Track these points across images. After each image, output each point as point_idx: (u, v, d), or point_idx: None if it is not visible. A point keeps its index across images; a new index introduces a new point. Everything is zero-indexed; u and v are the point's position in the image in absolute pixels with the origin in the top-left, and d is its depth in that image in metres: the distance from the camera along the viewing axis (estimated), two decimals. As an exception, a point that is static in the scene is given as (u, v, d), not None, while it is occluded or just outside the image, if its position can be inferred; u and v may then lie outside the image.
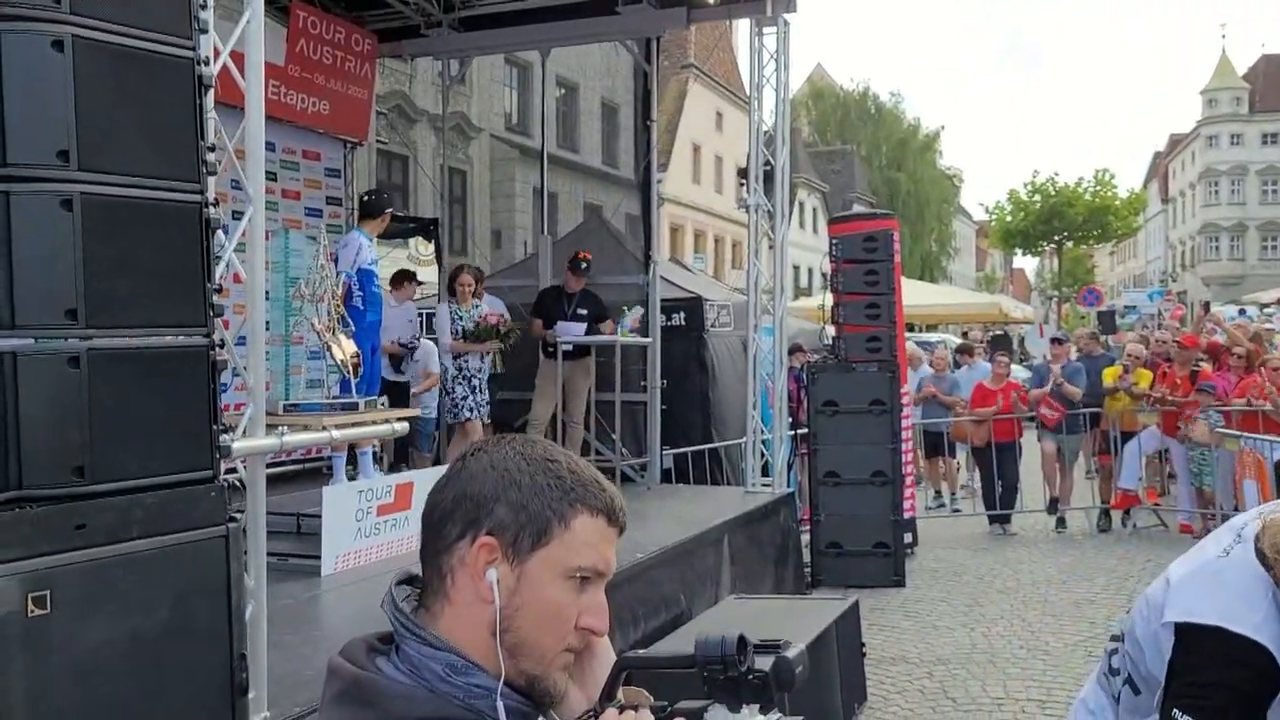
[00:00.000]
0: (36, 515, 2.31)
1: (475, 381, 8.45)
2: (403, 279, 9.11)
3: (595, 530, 1.20)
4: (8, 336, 2.30)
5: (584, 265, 8.87)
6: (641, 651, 1.25)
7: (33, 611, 2.27)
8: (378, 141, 15.52)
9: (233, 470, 2.95)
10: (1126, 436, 10.53)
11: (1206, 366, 10.54)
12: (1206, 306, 16.04)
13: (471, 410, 8.37)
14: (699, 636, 1.11)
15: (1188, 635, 2.01)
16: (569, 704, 1.21)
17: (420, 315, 9.55)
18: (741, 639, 1.10)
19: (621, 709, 1.12)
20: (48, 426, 2.32)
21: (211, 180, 2.62)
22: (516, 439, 1.26)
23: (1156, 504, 10.96)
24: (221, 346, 2.62)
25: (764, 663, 1.11)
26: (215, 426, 2.59)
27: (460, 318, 8.51)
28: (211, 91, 2.69)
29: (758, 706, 1.10)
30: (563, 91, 24.91)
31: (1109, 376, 10.78)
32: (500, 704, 1.13)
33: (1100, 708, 2.32)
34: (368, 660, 1.17)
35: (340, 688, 1.15)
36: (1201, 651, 1.99)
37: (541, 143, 12.04)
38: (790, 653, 1.12)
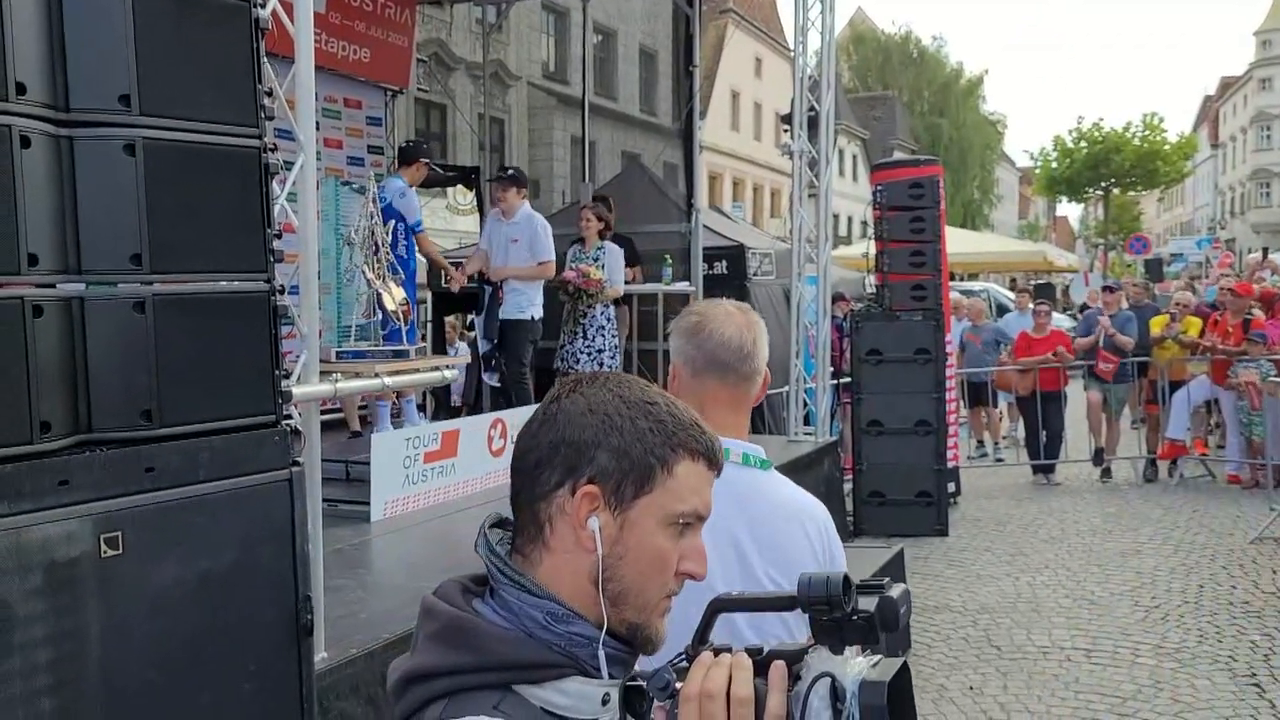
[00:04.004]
0: (107, 458, 2.34)
1: (601, 333, 7.85)
2: (511, 180, 7.76)
3: (697, 474, 1.17)
4: (75, 281, 2.32)
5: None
6: (736, 592, 1.22)
7: (105, 552, 2.32)
8: (417, 90, 15.48)
9: (287, 417, 2.97)
10: (1174, 386, 10.40)
11: (1260, 314, 10.33)
12: (1265, 253, 15.69)
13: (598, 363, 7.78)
14: (802, 577, 1.08)
15: None
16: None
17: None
18: (846, 579, 1.06)
19: (716, 651, 1.09)
20: (115, 371, 2.35)
21: (269, 124, 2.62)
22: (611, 378, 1.21)
23: (1204, 454, 10.84)
24: (282, 292, 2.64)
25: (867, 603, 1.07)
26: (277, 371, 2.62)
27: (580, 259, 7.98)
28: (266, 35, 2.67)
29: (858, 648, 1.07)
30: (601, 38, 24.66)
31: (1157, 325, 10.62)
32: (602, 653, 1.11)
33: None
34: (464, 602, 1.14)
35: (436, 628, 1.13)
36: None
37: (583, 90, 11.93)
38: (894, 593, 1.09)
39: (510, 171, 7.94)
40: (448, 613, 1.12)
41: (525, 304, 7.52)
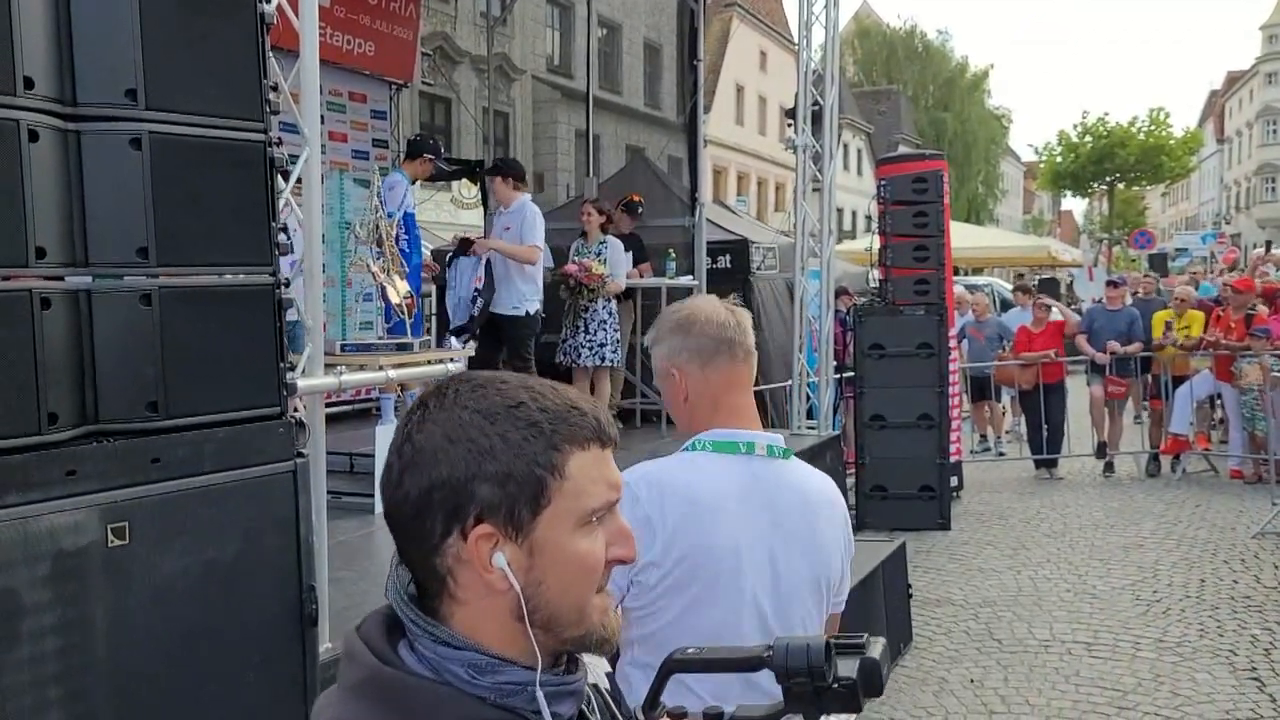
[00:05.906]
0: (114, 449, 2.37)
1: (603, 327, 7.83)
2: (494, 171, 7.56)
3: (592, 462, 1.04)
4: (82, 274, 2.35)
5: (639, 209, 8.80)
6: (693, 650, 1.08)
7: (112, 542, 2.35)
8: (422, 83, 15.48)
9: (292, 409, 3.00)
10: (1178, 381, 10.40)
11: (1263, 310, 10.32)
12: (1268, 247, 15.66)
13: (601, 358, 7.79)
14: (777, 644, 0.99)
15: None
16: None
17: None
18: (828, 645, 0.98)
19: (672, 716, 1.01)
20: (122, 362, 2.38)
21: (275, 119, 2.64)
22: (461, 390, 1.04)
23: (1206, 449, 10.84)
24: (287, 285, 2.66)
25: (848, 668, 0.99)
26: (282, 364, 2.64)
27: (581, 253, 7.91)
28: (271, 29, 2.69)
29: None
30: (605, 32, 24.64)
31: (1158, 324, 10.62)
32: (539, 694, 0.99)
33: None
34: (388, 647, 1.01)
35: (360, 677, 0.99)
36: None
37: (587, 84, 11.93)
38: (875, 652, 1.00)
39: (494, 164, 7.78)
40: (370, 665, 0.99)
41: (521, 300, 7.36)
